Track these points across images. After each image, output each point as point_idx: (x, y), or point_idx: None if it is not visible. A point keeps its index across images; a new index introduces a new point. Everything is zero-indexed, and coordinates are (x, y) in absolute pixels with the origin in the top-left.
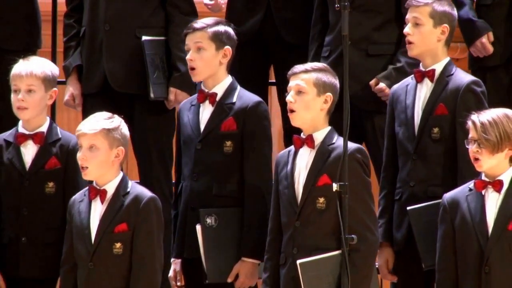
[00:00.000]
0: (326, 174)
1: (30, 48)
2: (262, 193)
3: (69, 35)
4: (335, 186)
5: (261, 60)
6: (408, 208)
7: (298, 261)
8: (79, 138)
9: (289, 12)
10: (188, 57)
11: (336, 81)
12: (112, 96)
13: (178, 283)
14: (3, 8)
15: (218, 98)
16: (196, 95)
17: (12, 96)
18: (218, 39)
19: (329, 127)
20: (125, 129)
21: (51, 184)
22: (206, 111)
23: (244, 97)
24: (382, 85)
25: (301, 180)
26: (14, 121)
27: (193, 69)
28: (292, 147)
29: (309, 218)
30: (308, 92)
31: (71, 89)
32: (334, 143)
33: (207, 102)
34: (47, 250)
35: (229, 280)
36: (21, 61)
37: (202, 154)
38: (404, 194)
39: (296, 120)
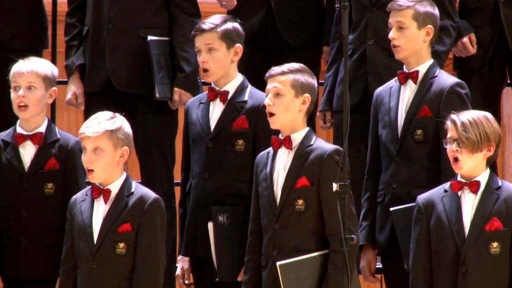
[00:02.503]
0: (305, 176)
1: (36, 48)
2: None
3: (71, 34)
4: (335, 186)
5: (262, 60)
6: (391, 209)
7: (278, 263)
8: (83, 140)
9: (290, 13)
10: (200, 59)
11: (314, 81)
12: (115, 95)
13: (186, 281)
14: (9, 7)
15: (229, 96)
16: (204, 93)
17: (12, 94)
18: (228, 38)
19: (307, 128)
20: (127, 128)
21: (50, 185)
22: (216, 109)
23: (255, 95)
24: None
25: (280, 182)
26: (15, 120)
27: (206, 70)
28: (271, 149)
29: (288, 220)
30: (286, 94)
31: (74, 88)
32: (312, 145)
33: (217, 100)
34: (47, 251)
35: (239, 278)
36: (21, 61)
37: (213, 152)
38: (386, 196)
39: (275, 123)
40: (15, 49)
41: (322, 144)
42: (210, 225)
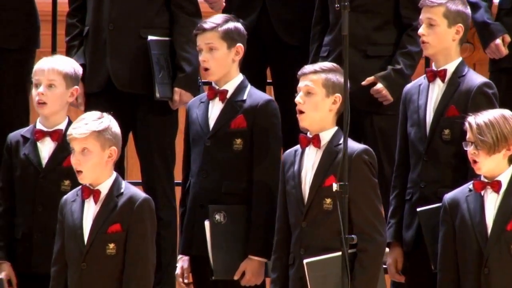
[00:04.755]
0: (333, 175)
1: (28, 47)
2: (270, 192)
3: (72, 35)
4: (335, 186)
5: (258, 60)
6: (418, 209)
7: (305, 261)
8: (71, 142)
9: (285, 11)
10: (201, 58)
11: None
12: (116, 95)
13: (186, 280)
14: (1, 7)
15: (228, 95)
16: (205, 92)
17: (33, 90)
18: (229, 37)
19: (336, 128)
20: (115, 128)
21: (67, 182)
22: (215, 108)
23: (254, 95)
24: (379, 86)
25: (308, 181)
26: (16, 119)
27: (207, 69)
28: (298, 147)
29: (316, 218)
30: (317, 93)
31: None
32: (341, 144)
33: (216, 99)
34: None
35: (236, 277)
36: (44, 58)
37: (211, 151)
38: (414, 194)
39: (304, 121)
40: (8, 49)
41: (351, 144)
42: (206, 223)
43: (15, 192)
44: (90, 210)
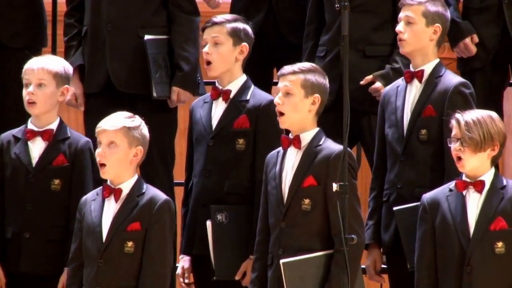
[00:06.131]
0: (312, 175)
1: (35, 46)
2: None
3: (70, 35)
4: (335, 186)
5: (264, 60)
6: (395, 208)
7: (282, 261)
8: (99, 135)
9: (291, 11)
10: (205, 50)
11: (325, 81)
12: (115, 95)
13: (186, 280)
14: (9, 6)
15: (232, 95)
16: (209, 93)
17: (23, 90)
18: (236, 35)
19: (317, 128)
20: (145, 130)
21: (57, 181)
22: (219, 108)
23: (257, 95)
24: (378, 84)
25: (287, 181)
26: (19, 118)
27: (209, 63)
28: (281, 148)
29: (294, 219)
30: (296, 94)
31: (73, 89)
32: (321, 145)
33: (220, 99)
34: (49, 247)
35: (237, 277)
36: (34, 58)
37: (214, 151)
38: (391, 195)
39: (285, 123)
40: (15, 48)
41: (330, 145)
42: (208, 223)
43: (5, 191)
44: (110, 208)
